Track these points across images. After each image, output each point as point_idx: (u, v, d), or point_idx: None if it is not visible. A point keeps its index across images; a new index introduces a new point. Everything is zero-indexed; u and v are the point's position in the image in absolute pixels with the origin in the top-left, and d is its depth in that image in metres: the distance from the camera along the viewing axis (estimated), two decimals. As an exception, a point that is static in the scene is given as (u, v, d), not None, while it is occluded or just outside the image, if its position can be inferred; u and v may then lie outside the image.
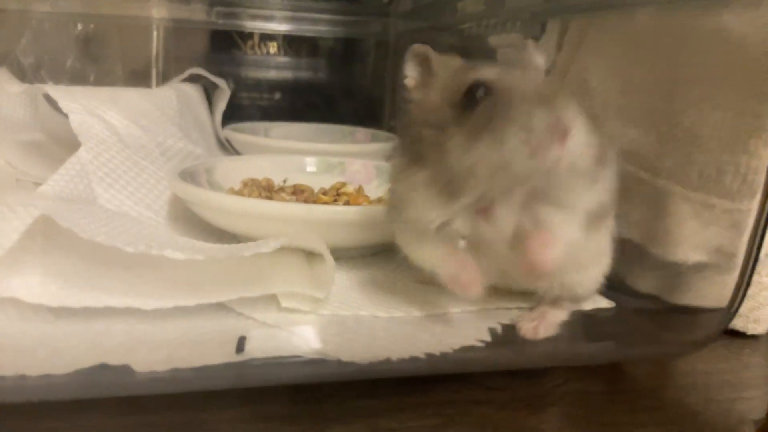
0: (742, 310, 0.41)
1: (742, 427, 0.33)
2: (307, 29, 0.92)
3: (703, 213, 0.35)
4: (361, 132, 0.84)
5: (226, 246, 0.35)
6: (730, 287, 0.32)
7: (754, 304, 0.41)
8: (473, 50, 0.77)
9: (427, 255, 0.34)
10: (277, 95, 0.99)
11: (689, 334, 0.35)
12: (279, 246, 0.33)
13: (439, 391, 0.33)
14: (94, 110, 0.52)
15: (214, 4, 0.89)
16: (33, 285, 0.31)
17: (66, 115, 0.51)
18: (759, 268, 0.40)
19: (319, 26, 0.92)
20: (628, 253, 0.37)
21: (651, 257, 0.37)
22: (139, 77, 0.92)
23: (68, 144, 0.59)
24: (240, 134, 0.71)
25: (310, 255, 0.38)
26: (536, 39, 0.54)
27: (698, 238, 0.35)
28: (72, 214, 0.33)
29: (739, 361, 0.40)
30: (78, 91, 0.56)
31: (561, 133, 0.27)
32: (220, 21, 0.90)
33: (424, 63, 0.34)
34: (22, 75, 0.82)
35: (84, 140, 0.48)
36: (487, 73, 0.31)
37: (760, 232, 0.31)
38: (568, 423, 0.32)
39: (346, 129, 0.84)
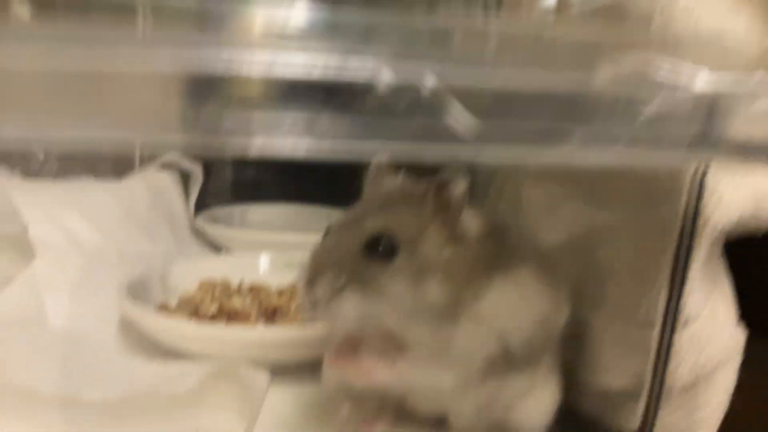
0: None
1: None
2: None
3: (622, 342, 0.35)
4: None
5: (149, 378, 0.35)
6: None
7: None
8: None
9: None
10: (263, 172, 1.00)
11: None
12: (194, 384, 0.33)
13: None
14: (54, 217, 0.54)
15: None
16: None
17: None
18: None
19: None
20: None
21: (579, 382, 0.37)
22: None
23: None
24: (211, 226, 0.72)
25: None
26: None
27: (619, 366, 0.35)
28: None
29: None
30: (45, 191, 0.58)
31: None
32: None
33: None
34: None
35: (41, 252, 0.49)
36: None
37: (663, 359, 0.32)
38: None
39: (330, 212, 0.83)
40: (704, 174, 0.30)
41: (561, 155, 0.19)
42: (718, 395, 0.40)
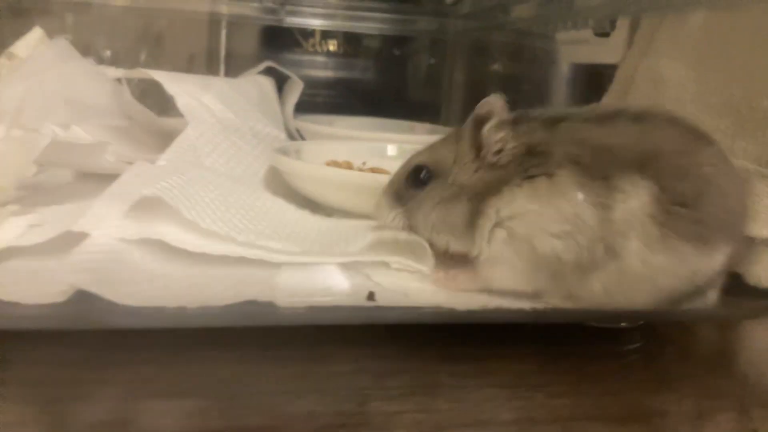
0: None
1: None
2: (368, 27, 0.96)
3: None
4: (419, 126, 0.87)
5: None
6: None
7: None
8: (529, 47, 0.81)
9: None
10: (336, 92, 1.04)
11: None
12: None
13: (536, 343, 0.37)
14: (193, 94, 0.57)
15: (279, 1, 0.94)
16: (176, 232, 0.35)
17: (142, 104, 0.60)
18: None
19: (380, 24, 0.96)
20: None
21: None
22: (206, 72, 0.98)
23: (150, 130, 0.65)
24: (312, 125, 0.76)
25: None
26: (606, 35, 0.58)
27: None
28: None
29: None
30: (177, 76, 0.61)
31: None
32: (285, 18, 0.95)
33: None
34: (101, 67, 0.87)
35: (190, 119, 0.53)
36: None
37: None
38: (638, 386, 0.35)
39: (405, 124, 0.88)
40: None
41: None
42: None
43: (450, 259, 0.38)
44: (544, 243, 0.34)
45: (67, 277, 0.31)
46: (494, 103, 0.37)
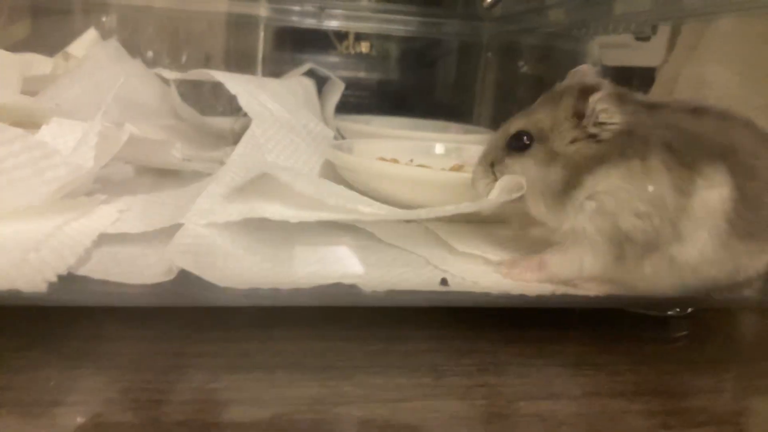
0: None
1: None
2: (402, 30, 0.99)
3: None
4: (454, 126, 0.90)
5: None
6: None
7: None
8: (562, 50, 0.83)
9: None
10: (369, 92, 1.07)
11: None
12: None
13: (591, 328, 0.40)
14: (252, 93, 0.60)
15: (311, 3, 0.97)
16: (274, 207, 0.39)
17: (188, 104, 0.65)
18: None
19: (414, 27, 0.99)
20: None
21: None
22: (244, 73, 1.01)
23: (196, 128, 0.69)
24: (354, 124, 0.79)
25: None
26: (646, 39, 0.60)
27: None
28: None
29: None
30: (235, 76, 0.64)
31: None
32: (323, 22, 0.98)
33: None
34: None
35: (253, 117, 0.56)
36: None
37: None
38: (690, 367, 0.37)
39: (439, 124, 0.90)
40: None
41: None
42: None
43: (517, 249, 0.41)
44: (627, 220, 0.35)
45: (172, 259, 0.34)
46: (588, 72, 0.39)
